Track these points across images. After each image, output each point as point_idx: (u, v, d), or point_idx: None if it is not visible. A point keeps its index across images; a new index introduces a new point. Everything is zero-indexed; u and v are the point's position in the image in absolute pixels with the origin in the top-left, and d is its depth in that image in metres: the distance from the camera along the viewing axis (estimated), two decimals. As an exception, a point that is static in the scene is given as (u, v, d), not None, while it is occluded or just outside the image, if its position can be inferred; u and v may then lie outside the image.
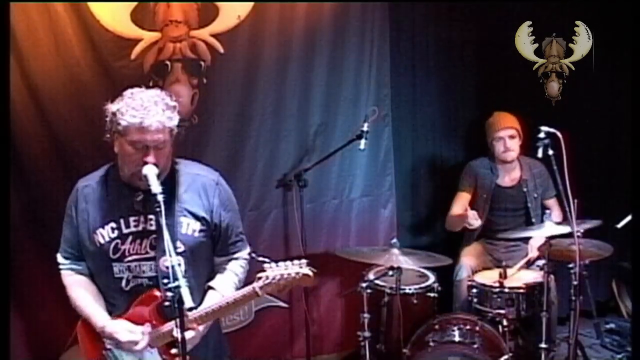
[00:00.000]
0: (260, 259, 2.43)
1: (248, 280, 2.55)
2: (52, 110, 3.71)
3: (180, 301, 2.13)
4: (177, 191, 2.49)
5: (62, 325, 3.26)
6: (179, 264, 2.23)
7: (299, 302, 4.16)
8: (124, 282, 2.50)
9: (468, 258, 4.12)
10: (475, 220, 3.92)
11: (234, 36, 3.93)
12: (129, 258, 2.48)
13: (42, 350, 3.81)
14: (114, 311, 2.53)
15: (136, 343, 2.41)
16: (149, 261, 2.47)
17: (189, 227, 2.50)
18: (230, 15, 3.90)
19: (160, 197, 2.26)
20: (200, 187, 2.55)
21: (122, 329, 2.43)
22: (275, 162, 4.14)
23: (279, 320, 4.25)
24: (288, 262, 2.36)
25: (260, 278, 2.36)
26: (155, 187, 2.29)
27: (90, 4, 3.66)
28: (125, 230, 2.48)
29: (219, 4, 3.89)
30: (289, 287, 2.38)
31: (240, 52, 3.96)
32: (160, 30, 3.82)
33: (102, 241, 2.48)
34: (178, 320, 2.17)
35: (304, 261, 2.37)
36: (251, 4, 3.92)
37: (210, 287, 2.57)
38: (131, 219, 2.48)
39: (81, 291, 2.56)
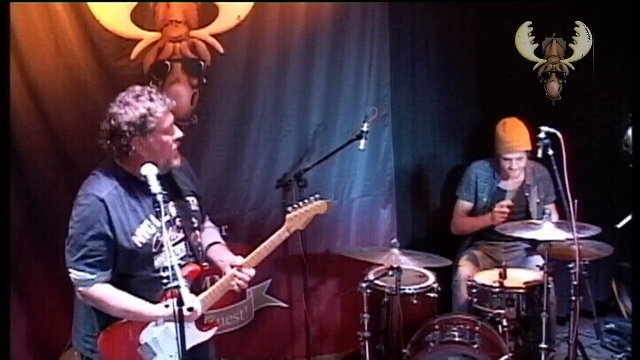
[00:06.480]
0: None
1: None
2: (52, 110, 3.70)
3: (180, 301, 2.14)
4: (179, 174, 2.74)
5: (62, 325, 3.26)
6: (180, 264, 2.25)
7: (299, 302, 4.16)
8: (162, 271, 2.56)
9: (467, 268, 4.10)
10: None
11: (234, 36, 3.93)
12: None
13: (42, 350, 3.80)
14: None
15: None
16: (180, 242, 2.68)
17: (194, 203, 2.79)
18: (230, 15, 3.90)
19: (160, 197, 2.32)
20: (186, 168, 2.81)
21: (194, 299, 2.52)
22: (275, 162, 4.14)
23: (279, 320, 4.25)
24: (305, 200, 2.90)
25: (290, 219, 2.83)
26: (155, 187, 2.35)
27: (90, 4, 3.65)
28: (158, 224, 2.57)
29: (219, 4, 3.88)
30: (311, 218, 2.89)
31: (240, 52, 3.96)
32: (160, 30, 3.82)
33: (143, 241, 2.58)
34: (178, 320, 2.19)
35: (316, 195, 2.91)
36: (251, 4, 3.92)
37: (213, 243, 2.90)
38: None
39: (120, 294, 2.58)
